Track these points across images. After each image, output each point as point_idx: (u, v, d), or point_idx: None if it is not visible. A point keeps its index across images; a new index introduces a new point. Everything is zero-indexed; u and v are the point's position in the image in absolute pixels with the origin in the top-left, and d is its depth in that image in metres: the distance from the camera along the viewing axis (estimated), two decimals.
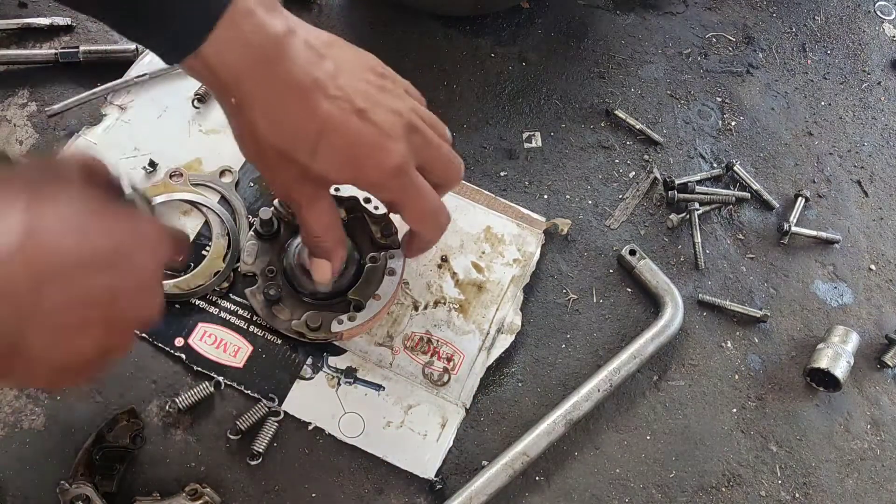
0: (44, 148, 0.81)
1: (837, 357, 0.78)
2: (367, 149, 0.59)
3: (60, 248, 0.45)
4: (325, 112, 0.58)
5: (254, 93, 0.57)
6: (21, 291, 0.43)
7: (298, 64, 0.57)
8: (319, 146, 0.58)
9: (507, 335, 0.78)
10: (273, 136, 0.58)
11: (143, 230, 0.52)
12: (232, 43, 0.55)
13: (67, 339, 0.47)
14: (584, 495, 0.74)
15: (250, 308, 0.75)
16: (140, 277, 0.51)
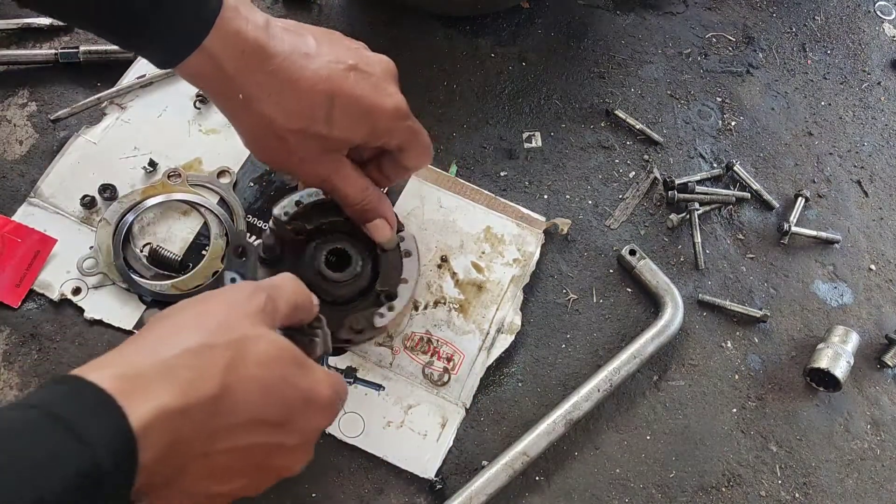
0: (44, 148, 0.81)
1: (837, 357, 0.78)
2: (373, 98, 0.63)
3: (244, 408, 0.48)
4: (326, 77, 0.61)
5: (259, 80, 0.59)
6: (197, 438, 0.46)
7: (288, 45, 0.60)
8: (333, 112, 0.61)
9: (507, 335, 0.78)
10: (290, 118, 0.60)
11: (320, 395, 0.53)
12: (230, 39, 0.57)
13: (218, 480, 0.50)
14: (584, 495, 0.74)
15: None
16: (302, 438, 0.53)
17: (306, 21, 0.92)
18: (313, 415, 0.54)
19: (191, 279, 0.75)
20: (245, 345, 0.49)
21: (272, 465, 0.53)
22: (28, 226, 0.76)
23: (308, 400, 0.53)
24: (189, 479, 0.48)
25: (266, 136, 0.62)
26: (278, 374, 0.51)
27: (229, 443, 0.48)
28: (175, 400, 0.44)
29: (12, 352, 0.73)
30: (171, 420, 0.44)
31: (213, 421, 0.47)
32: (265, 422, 0.50)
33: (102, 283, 0.75)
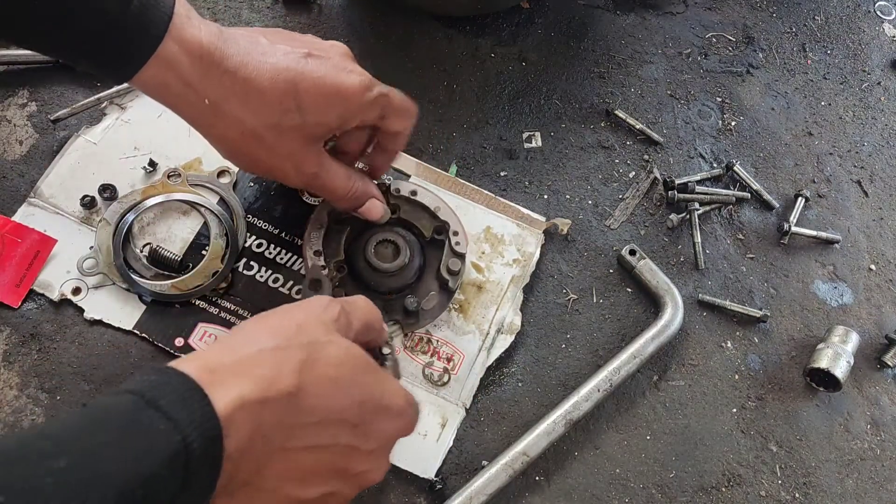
0: (44, 148, 0.81)
1: (837, 357, 0.78)
2: (336, 78, 0.63)
3: (320, 405, 0.50)
4: (286, 68, 0.61)
5: (222, 85, 0.59)
6: (277, 431, 0.48)
7: (242, 45, 0.60)
8: (301, 99, 0.61)
9: (506, 335, 0.78)
10: (261, 115, 0.60)
11: (393, 401, 0.56)
12: (185, 44, 0.57)
13: (299, 483, 0.52)
14: (584, 495, 0.74)
15: (250, 307, 0.75)
16: (377, 442, 0.55)
17: (306, 22, 0.92)
18: (388, 420, 0.56)
19: (191, 279, 0.75)
20: (319, 347, 0.52)
21: (352, 469, 0.54)
22: (28, 226, 0.76)
23: (382, 405, 0.55)
24: (270, 479, 0.50)
25: (242, 140, 0.62)
26: (351, 376, 0.53)
27: (307, 440, 0.51)
28: (254, 392, 0.47)
29: (12, 352, 0.73)
30: (252, 410, 0.46)
31: (290, 416, 0.49)
32: (341, 421, 0.52)
33: (102, 283, 0.75)
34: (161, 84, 0.59)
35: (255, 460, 0.48)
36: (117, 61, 0.58)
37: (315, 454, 0.51)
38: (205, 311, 0.75)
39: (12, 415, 0.70)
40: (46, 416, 0.70)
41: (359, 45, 0.92)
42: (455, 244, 0.75)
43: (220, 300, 0.76)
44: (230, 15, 0.91)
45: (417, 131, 0.86)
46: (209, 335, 0.74)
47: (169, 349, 0.73)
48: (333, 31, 0.92)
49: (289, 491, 0.52)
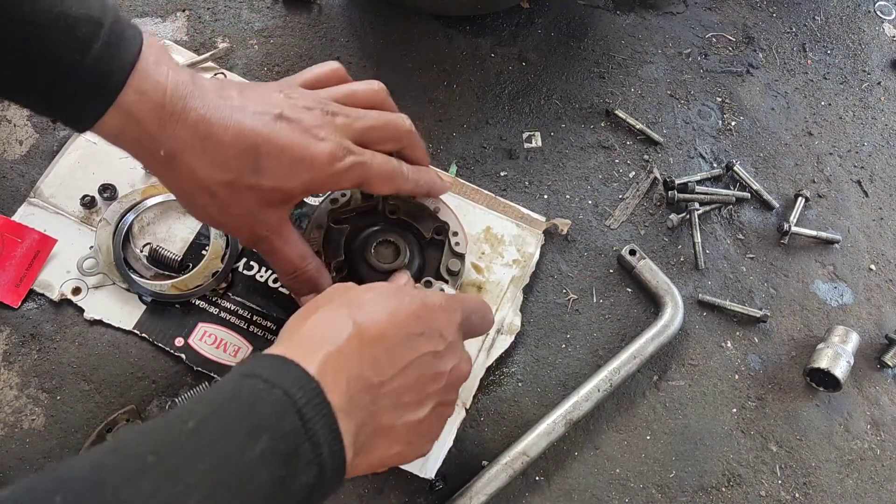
0: (44, 148, 0.81)
1: (837, 357, 0.78)
2: (302, 146, 0.60)
3: (380, 329, 0.54)
4: (250, 127, 0.58)
5: (179, 135, 0.57)
6: (368, 374, 0.52)
7: (211, 98, 0.58)
8: (260, 161, 0.59)
9: (506, 336, 0.78)
10: (216, 170, 0.58)
11: (430, 300, 0.59)
12: (148, 93, 0.55)
13: (411, 407, 0.56)
14: (584, 495, 0.74)
15: (250, 307, 0.75)
16: (446, 340, 0.58)
17: (306, 22, 0.92)
18: (444, 314, 0.59)
19: (191, 279, 0.75)
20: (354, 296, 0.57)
21: (443, 370, 0.58)
22: (28, 226, 0.76)
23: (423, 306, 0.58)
24: (383, 414, 0.53)
25: (195, 193, 0.60)
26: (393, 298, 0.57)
27: (395, 364, 0.54)
28: (330, 347, 0.51)
29: (12, 352, 0.73)
30: (335, 362, 0.50)
31: (367, 352, 0.52)
32: (409, 335, 0.55)
33: (102, 283, 0.75)
34: (119, 132, 0.57)
35: (363, 407, 0.51)
36: (74, 112, 0.55)
37: (408, 374, 0.55)
38: (205, 311, 0.75)
39: (12, 415, 0.70)
40: (46, 416, 0.70)
41: (359, 45, 0.92)
42: (455, 244, 0.75)
43: (220, 300, 0.76)
44: (230, 15, 0.91)
45: (417, 131, 0.87)
46: (209, 335, 0.74)
47: (169, 349, 0.73)
48: (333, 31, 0.92)
49: (407, 419, 0.55)
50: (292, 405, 0.46)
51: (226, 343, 0.74)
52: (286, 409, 0.46)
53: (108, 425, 0.69)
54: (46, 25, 0.52)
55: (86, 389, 0.72)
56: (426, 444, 0.60)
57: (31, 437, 0.70)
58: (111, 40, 0.53)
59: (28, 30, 0.52)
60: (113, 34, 0.54)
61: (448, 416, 0.61)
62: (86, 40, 0.53)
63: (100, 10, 0.54)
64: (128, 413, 0.70)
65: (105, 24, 0.53)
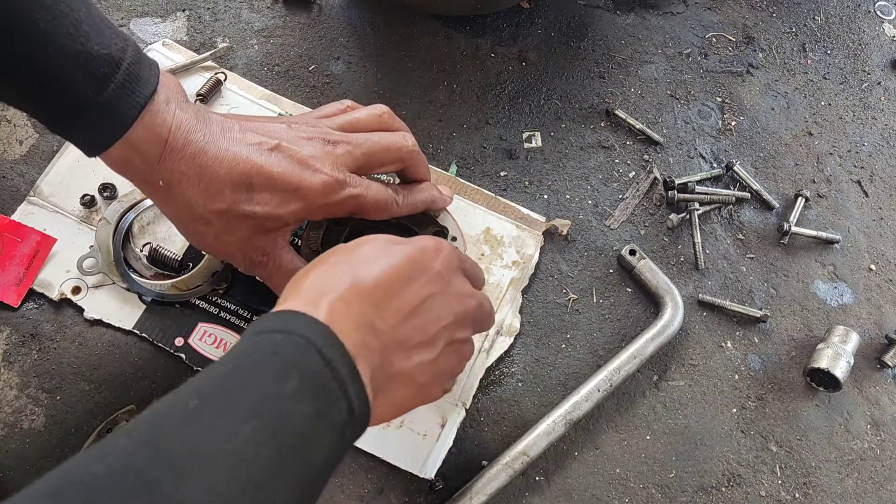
0: (44, 148, 0.81)
1: (837, 357, 0.78)
2: (298, 173, 0.62)
3: (377, 278, 0.54)
4: (245, 157, 0.61)
5: (179, 169, 0.59)
6: (374, 321, 0.53)
7: (213, 130, 0.61)
8: (254, 191, 0.61)
9: (505, 337, 0.78)
10: (209, 200, 0.60)
11: (425, 244, 0.59)
12: (155, 129, 0.58)
13: (421, 345, 0.56)
14: (584, 495, 0.74)
15: (250, 307, 0.75)
16: (446, 280, 0.58)
17: (306, 22, 0.92)
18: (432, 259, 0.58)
19: (191, 279, 0.75)
20: (356, 247, 0.57)
21: (447, 309, 0.58)
22: (28, 225, 0.76)
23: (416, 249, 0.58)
24: (394, 358, 0.54)
25: (192, 221, 0.62)
26: (383, 249, 0.57)
27: (404, 305, 0.55)
28: (332, 296, 0.51)
29: (12, 352, 0.73)
30: (339, 308, 0.51)
31: (368, 299, 0.53)
32: (403, 278, 0.55)
33: (102, 282, 0.75)
34: (123, 163, 0.60)
35: (374, 350, 0.52)
36: (83, 140, 0.58)
37: (412, 317, 0.55)
38: (205, 311, 0.75)
39: (12, 415, 0.70)
40: (46, 416, 0.70)
41: (359, 45, 0.92)
42: None
43: (220, 300, 0.76)
44: (230, 15, 0.91)
45: (418, 131, 0.87)
46: (209, 335, 0.74)
47: (169, 349, 0.73)
48: (333, 31, 0.92)
49: (419, 360, 0.56)
50: (312, 346, 0.47)
51: (226, 343, 0.74)
52: (308, 350, 0.47)
53: (108, 425, 0.69)
54: (66, 62, 0.54)
55: (86, 389, 0.72)
56: (445, 381, 0.61)
57: (31, 437, 0.70)
58: (127, 80, 0.56)
59: (47, 63, 0.54)
60: (129, 75, 0.57)
61: (467, 353, 0.62)
62: (102, 79, 0.55)
63: (120, 49, 0.57)
64: (128, 413, 0.69)
65: (123, 65, 0.56)
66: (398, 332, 0.55)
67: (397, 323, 0.54)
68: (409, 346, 0.55)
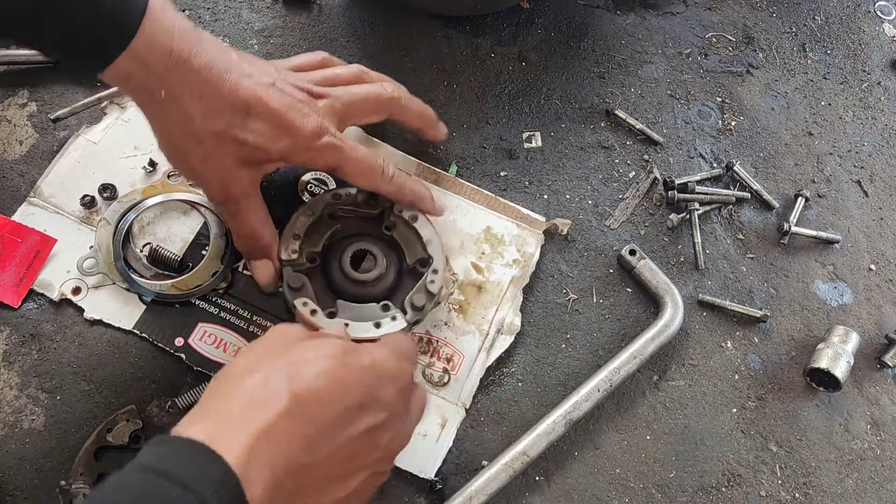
0: (44, 148, 0.81)
1: (837, 357, 0.78)
2: (291, 113, 0.65)
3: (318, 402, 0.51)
4: (246, 86, 0.63)
5: (182, 80, 0.60)
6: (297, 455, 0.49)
7: (214, 51, 0.62)
8: (249, 119, 0.63)
9: (506, 336, 0.78)
10: (207, 118, 0.62)
11: (380, 365, 0.56)
12: (157, 38, 0.58)
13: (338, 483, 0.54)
14: (584, 495, 0.74)
15: (250, 307, 0.75)
16: (390, 409, 0.56)
17: (306, 22, 0.92)
18: (390, 383, 0.56)
19: (191, 279, 0.75)
20: (299, 355, 0.54)
21: (379, 444, 0.56)
22: (28, 225, 0.76)
23: (374, 372, 0.56)
24: (308, 494, 0.51)
25: (183, 137, 0.63)
26: (339, 363, 0.53)
27: (327, 443, 0.51)
28: (259, 425, 0.47)
29: (12, 352, 0.73)
30: (262, 444, 0.47)
31: (299, 429, 0.49)
32: (345, 409, 0.53)
33: (102, 282, 0.75)
34: (128, 76, 0.60)
35: (287, 491, 0.49)
36: (87, 58, 0.59)
37: (341, 450, 0.52)
38: (205, 311, 0.75)
39: (12, 415, 0.70)
40: (46, 416, 0.70)
41: (359, 45, 0.92)
42: (430, 281, 0.73)
43: (220, 300, 0.76)
44: (230, 15, 0.91)
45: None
46: (209, 335, 0.74)
47: (169, 349, 0.73)
48: (333, 31, 0.92)
49: (334, 496, 0.54)
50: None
51: (226, 343, 0.74)
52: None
53: (108, 425, 0.69)
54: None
55: (86, 389, 0.72)
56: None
57: (31, 437, 0.70)
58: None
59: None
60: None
61: (380, 483, 0.60)
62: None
63: None
64: (128, 413, 0.69)
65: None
66: (322, 467, 0.51)
67: (324, 458, 0.51)
68: (327, 480, 0.53)
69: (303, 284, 0.72)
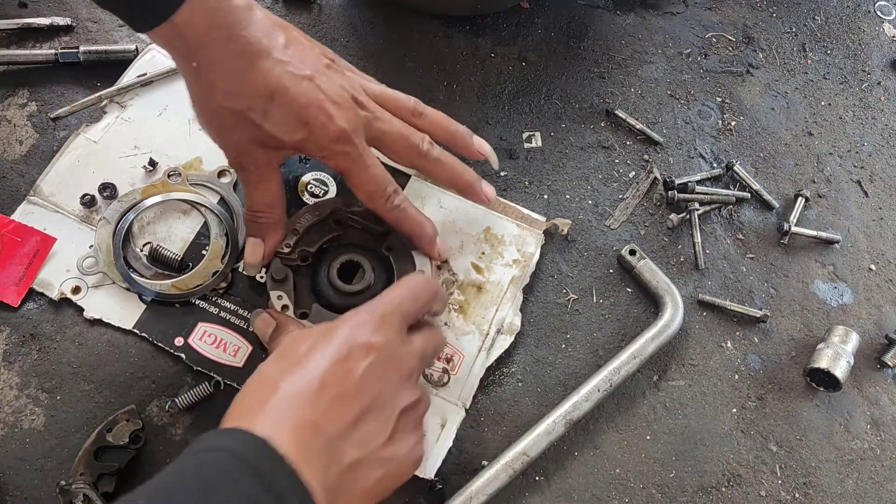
0: (44, 148, 0.81)
1: (837, 357, 0.78)
2: (315, 110, 0.64)
3: (313, 373, 0.54)
4: (276, 75, 0.62)
5: (214, 56, 0.61)
6: (315, 419, 0.52)
7: (255, 32, 0.62)
8: (271, 106, 0.63)
9: (506, 336, 0.78)
10: (229, 96, 0.62)
11: (357, 319, 0.59)
12: (201, 10, 0.59)
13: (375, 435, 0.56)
14: (584, 495, 0.74)
15: (250, 307, 0.75)
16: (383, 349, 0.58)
17: (306, 22, 0.92)
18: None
19: (191, 278, 0.75)
20: (289, 347, 0.57)
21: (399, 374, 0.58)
22: (28, 225, 0.76)
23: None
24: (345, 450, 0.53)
25: (207, 107, 0.64)
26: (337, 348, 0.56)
27: (341, 396, 0.54)
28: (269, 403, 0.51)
29: (12, 352, 0.73)
30: (278, 413, 0.51)
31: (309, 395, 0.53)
32: (349, 361, 0.55)
33: (102, 282, 0.75)
34: (166, 41, 0.61)
35: (320, 449, 0.51)
36: (132, 17, 0.60)
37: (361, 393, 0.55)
38: (205, 311, 0.75)
39: (12, 415, 0.70)
40: (46, 416, 0.70)
41: (359, 45, 0.92)
42: None
43: (220, 300, 0.76)
44: None
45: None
46: (209, 335, 0.74)
47: (169, 349, 0.73)
48: (333, 31, 0.92)
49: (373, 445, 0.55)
50: (242, 462, 0.46)
51: (226, 343, 0.74)
52: (236, 467, 0.46)
53: (108, 425, 0.69)
54: None
55: (86, 389, 0.72)
56: (410, 454, 0.59)
57: (31, 437, 0.70)
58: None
59: None
60: None
61: (421, 414, 0.62)
62: None
63: None
64: (128, 413, 0.69)
65: None
66: (341, 420, 0.53)
67: (339, 412, 0.53)
68: (357, 432, 0.54)
69: (285, 277, 0.72)
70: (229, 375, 0.73)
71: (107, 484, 0.66)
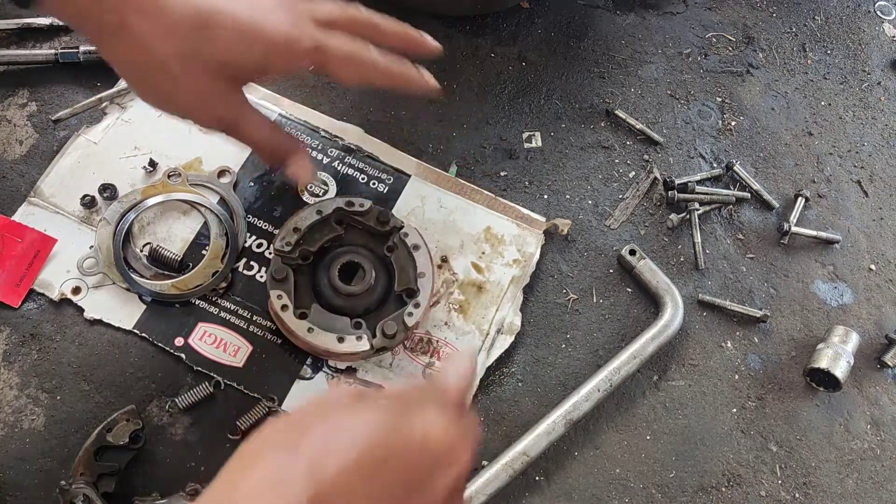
0: (44, 148, 0.81)
1: (837, 357, 0.78)
2: (257, 21, 0.59)
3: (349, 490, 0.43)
4: (210, 1, 0.57)
5: (132, 3, 0.55)
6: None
7: None
8: (210, 30, 0.57)
9: (506, 335, 0.78)
10: (168, 38, 0.57)
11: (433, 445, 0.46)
12: None
13: None
14: (584, 495, 0.74)
15: (250, 307, 0.75)
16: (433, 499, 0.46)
17: None
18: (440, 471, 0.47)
19: (191, 279, 0.75)
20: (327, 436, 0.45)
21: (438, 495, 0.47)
22: (28, 225, 0.76)
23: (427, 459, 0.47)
24: None
25: (147, 66, 0.58)
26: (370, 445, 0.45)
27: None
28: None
29: (12, 352, 0.73)
30: None
31: None
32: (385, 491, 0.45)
33: (102, 282, 0.75)
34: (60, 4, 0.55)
35: None
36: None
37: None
38: (205, 311, 0.75)
39: (12, 415, 0.70)
40: (46, 416, 0.70)
41: None
42: (408, 314, 0.73)
43: (220, 300, 0.76)
44: None
45: (417, 131, 0.87)
46: (209, 335, 0.74)
47: (169, 349, 0.73)
48: None
49: None
50: None
51: (226, 343, 0.74)
52: None
53: (108, 425, 0.68)
54: None
55: (86, 389, 0.72)
56: None
57: (31, 437, 0.70)
58: None
59: None
60: None
61: None
62: None
63: None
64: (128, 413, 0.69)
65: None
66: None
67: None
68: None
69: (285, 277, 0.72)
70: (229, 375, 0.73)
71: (107, 484, 0.66)
